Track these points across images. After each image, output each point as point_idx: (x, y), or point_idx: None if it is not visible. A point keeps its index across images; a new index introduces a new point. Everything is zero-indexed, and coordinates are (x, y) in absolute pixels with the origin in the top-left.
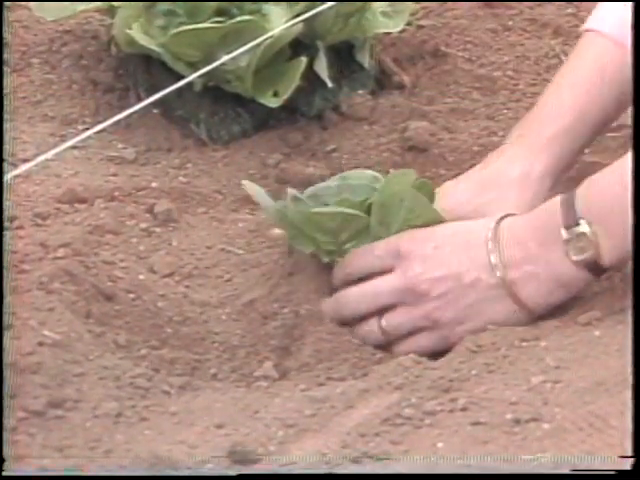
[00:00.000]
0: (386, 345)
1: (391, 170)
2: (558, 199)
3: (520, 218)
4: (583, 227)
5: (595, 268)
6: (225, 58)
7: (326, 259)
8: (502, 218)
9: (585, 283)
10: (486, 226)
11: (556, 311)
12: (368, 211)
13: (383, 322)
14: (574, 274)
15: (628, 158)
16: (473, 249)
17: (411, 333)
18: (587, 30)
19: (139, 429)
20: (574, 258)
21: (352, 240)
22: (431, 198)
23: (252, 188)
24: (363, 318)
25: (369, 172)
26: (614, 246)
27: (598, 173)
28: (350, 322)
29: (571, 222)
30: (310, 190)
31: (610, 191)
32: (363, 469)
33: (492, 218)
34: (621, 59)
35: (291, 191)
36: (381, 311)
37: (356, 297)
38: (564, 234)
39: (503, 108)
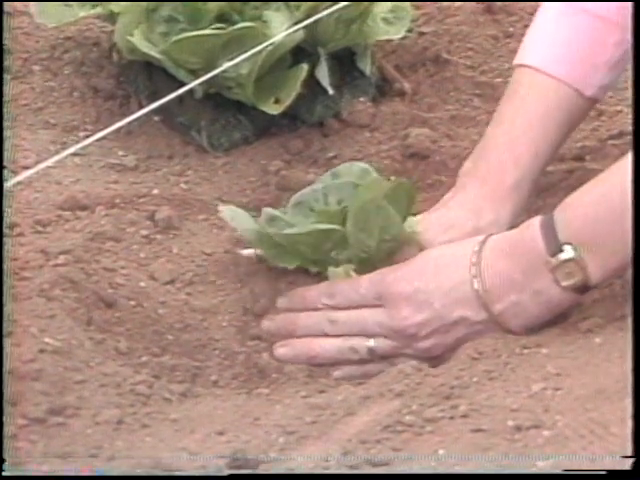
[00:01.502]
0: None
1: (392, 177)
2: (537, 224)
3: (500, 246)
4: (568, 253)
5: (583, 289)
6: (226, 65)
7: (315, 269)
8: (481, 248)
9: (573, 303)
10: (468, 257)
11: (557, 318)
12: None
13: (372, 342)
14: (563, 298)
15: (604, 176)
16: (455, 285)
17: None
18: (522, 65)
19: (140, 436)
20: (564, 284)
21: (336, 249)
22: (411, 197)
23: (228, 213)
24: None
25: (357, 165)
26: (601, 266)
27: (573, 195)
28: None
29: (555, 249)
30: (296, 197)
31: (590, 212)
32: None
33: (470, 248)
34: (564, 97)
35: (266, 211)
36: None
37: (336, 318)
38: (550, 262)
39: None
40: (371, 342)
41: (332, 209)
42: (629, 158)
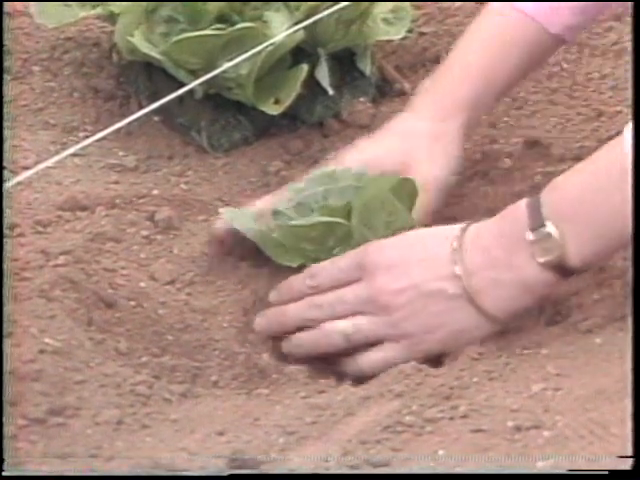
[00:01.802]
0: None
1: None
2: (523, 203)
3: (485, 225)
4: (549, 228)
5: (562, 270)
6: (226, 66)
7: None
8: (467, 226)
9: (551, 287)
10: (451, 235)
11: (556, 318)
12: (350, 215)
13: (349, 327)
14: (540, 277)
15: (592, 159)
16: (436, 259)
17: (375, 343)
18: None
19: (140, 436)
20: (540, 260)
21: (339, 245)
22: (413, 195)
23: (228, 215)
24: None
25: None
26: (581, 246)
27: (562, 175)
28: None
29: (537, 224)
30: (296, 199)
31: (575, 192)
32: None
33: (457, 226)
34: (528, 30)
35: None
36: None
37: (321, 302)
38: (529, 236)
39: (504, 115)
40: (349, 325)
41: (335, 205)
42: (619, 141)
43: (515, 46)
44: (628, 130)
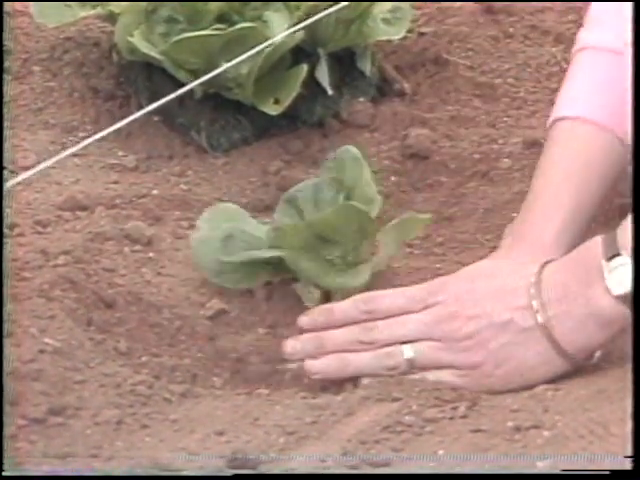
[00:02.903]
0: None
1: (392, 178)
2: (599, 237)
3: (562, 260)
4: (624, 259)
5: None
6: (226, 66)
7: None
8: (546, 263)
9: (626, 321)
10: (527, 269)
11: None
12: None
13: (412, 350)
14: (615, 310)
15: None
16: (512, 291)
17: (438, 367)
18: (560, 118)
19: (140, 436)
20: (615, 292)
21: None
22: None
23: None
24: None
25: (350, 152)
26: None
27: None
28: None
29: (611, 254)
30: (289, 194)
31: None
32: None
33: (535, 264)
34: (607, 145)
35: (226, 229)
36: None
37: (376, 325)
38: (604, 268)
39: (504, 116)
40: (410, 348)
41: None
42: None
43: (596, 167)
44: None
